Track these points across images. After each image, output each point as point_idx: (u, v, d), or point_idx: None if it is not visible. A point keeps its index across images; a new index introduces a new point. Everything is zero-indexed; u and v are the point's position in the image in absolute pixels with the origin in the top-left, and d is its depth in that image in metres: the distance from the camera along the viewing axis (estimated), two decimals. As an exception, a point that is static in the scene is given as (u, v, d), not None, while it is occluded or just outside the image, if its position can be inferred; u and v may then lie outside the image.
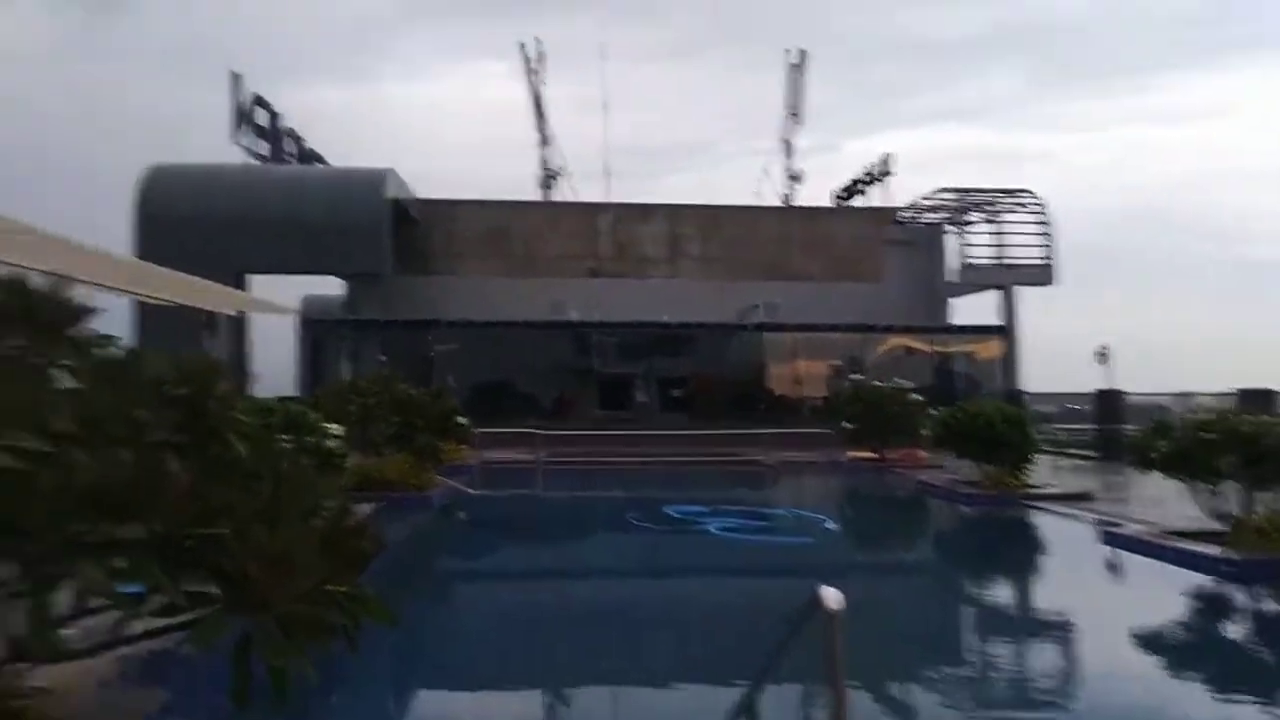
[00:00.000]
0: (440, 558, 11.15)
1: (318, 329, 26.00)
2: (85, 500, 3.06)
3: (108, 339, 4.59)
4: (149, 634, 3.59)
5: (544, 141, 35.95)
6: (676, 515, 12.93)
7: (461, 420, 16.00)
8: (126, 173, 25.43)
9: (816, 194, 38.42)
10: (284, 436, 6.70)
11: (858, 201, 33.71)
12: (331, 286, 28.18)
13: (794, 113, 36.84)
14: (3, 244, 6.72)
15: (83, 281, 5.19)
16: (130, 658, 4.09)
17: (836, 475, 19.31)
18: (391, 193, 26.48)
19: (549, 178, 35.86)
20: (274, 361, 24.99)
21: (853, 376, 25.57)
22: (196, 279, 13.82)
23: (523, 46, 35.50)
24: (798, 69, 36.44)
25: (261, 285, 24.38)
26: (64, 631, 3.43)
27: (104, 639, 3.42)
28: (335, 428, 9.22)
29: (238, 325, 22.51)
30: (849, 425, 19.83)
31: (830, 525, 13.08)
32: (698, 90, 70.43)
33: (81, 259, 9.58)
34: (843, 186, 34.53)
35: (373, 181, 26.13)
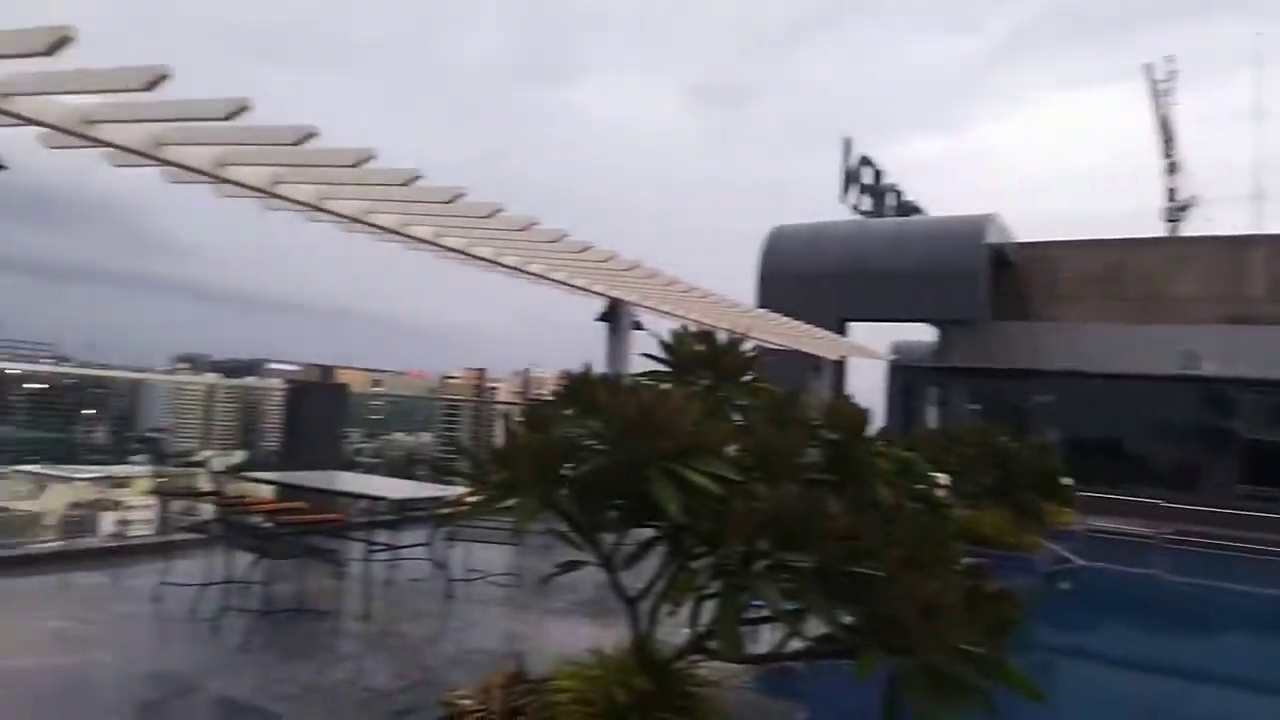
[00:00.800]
0: (1057, 634, 10.11)
1: (907, 374, 26.41)
2: (763, 525, 3.51)
3: (760, 381, 5.27)
4: (797, 654, 3.95)
5: (1172, 169, 31.31)
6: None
7: (1066, 480, 14.64)
8: (747, 234, 29.57)
9: None
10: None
11: None
12: (921, 331, 28.49)
13: None
14: (689, 305, 8.37)
15: (740, 335, 6.06)
16: (776, 671, 4.56)
17: None
18: (992, 238, 25.76)
19: (1177, 209, 31.03)
20: (862, 403, 26.18)
21: None
22: (810, 326, 15.32)
23: (1149, 68, 31.55)
24: None
25: (855, 330, 25.82)
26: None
27: (767, 650, 3.86)
28: (943, 477, 9.14)
29: (838, 368, 24.12)
30: None
31: None
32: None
33: (727, 312, 11.36)
34: None
35: (972, 229, 25.78)
